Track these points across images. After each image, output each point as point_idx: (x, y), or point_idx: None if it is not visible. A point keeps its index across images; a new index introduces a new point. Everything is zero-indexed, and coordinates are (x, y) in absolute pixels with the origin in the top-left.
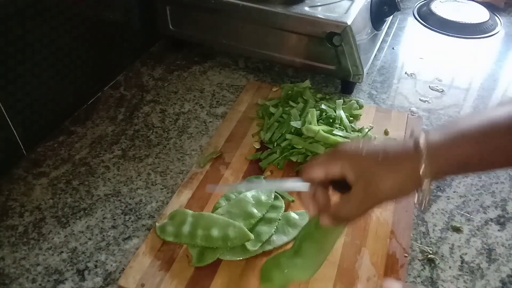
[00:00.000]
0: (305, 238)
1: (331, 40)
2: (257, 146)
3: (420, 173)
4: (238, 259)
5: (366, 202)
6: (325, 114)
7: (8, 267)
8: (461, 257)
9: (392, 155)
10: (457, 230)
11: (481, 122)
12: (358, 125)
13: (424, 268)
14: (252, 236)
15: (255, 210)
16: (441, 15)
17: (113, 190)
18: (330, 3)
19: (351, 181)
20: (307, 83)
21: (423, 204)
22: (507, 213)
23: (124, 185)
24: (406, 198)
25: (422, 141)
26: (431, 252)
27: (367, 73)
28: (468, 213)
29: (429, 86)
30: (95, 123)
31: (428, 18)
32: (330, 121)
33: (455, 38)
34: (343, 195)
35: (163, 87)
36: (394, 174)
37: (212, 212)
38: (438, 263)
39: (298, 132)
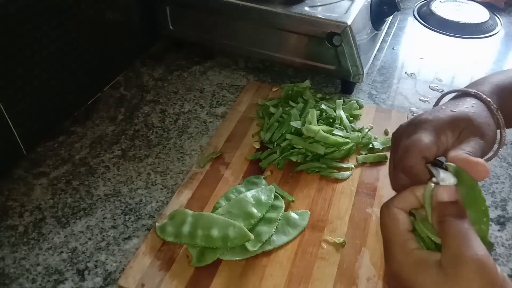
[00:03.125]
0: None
1: (331, 40)
2: (257, 146)
3: (499, 119)
4: (238, 259)
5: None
6: (325, 114)
7: (8, 267)
8: None
9: (476, 109)
10: None
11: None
12: (358, 125)
13: None
14: (252, 236)
15: (255, 210)
16: (441, 15)
17: (113, 190)
18: (330, 3)
19: (451, 143)
20: (307, 83)
21: (502, 144)
22: (507, 213)
23: (124, 185)
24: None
25: (483, 95)
26: None
27: (367, 73)
28: None
29: (429, 86)
30: (95, 123)
31: (428, 18)
32: (330, 121)
33: (455, 38)
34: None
35: (163, 87)
36: (488, 125)
37: (212, 212)
38: None
39: (298, 132)
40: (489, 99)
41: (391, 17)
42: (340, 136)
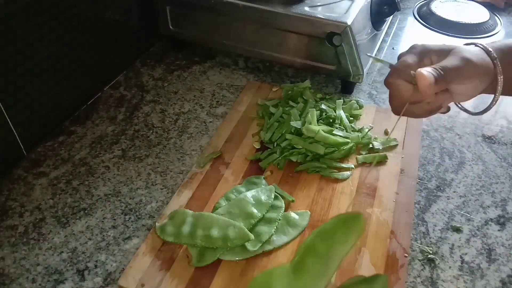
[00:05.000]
0: (308, 251)
1: (331, 40)
2: (257, 146)
3: (495, 60)
4: (238, 259)
5: (462, 61)
6: (325, 114)
7: (8, 267)
8: (461, 257)
9: (477, 57)
10: (457, 230)
11: None
12: (358, 125)
13: (424, 268)
14: (252, 236)
15: (255, 210)
16: (441, 15)
17: (113, 190)
18: (330, 3)
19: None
20: (307, 83)
21: (494, 102)
22: (507, 213)
23: (124, 185)
24: (480, 93)
25: (491, 49)
26: (431, 252)
27: (367, 73)
28: (468, 213)
29: None
30: (95, 123)
31: (428, 18)
32: (330, 121)
33: (455, 38)
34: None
35: (163, 87)
36: (478, 67)
37: (212, 212)
38: (438, 263)
39: (298, 132)
40: (490, 49)
41: (391, 17)
42: (340, 136)
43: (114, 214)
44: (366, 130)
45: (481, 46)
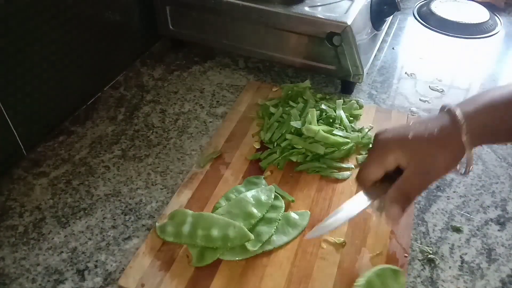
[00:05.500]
0: None
1: (331, 40)
2: (257, 146)
3: (464, 142)
4: (238, 259)
5: (424, 177)
6: (325, 114)
7: (8, 267)
8: (461, 257)
9: (436, 132)
10: (457, 230)
11: (507, 93)
12: (358, 125)
13: (424, 268)
14: (252, 236)
15: (255, 210)
16: (441, 15)
17: (113, 190)
18: (330, 3)
19: (404, 165)
20: (307, 83)
21: (468, 170)
22: (507, 213)
23: (124, 185)
24: (454, 170)
25: (458, 112)
26: (431, 252)
27: (367, 73)
28: (468, 213)
29: (429, 86)
30: (95, 123)
31: (428, 18)
32: (330, 121)
33: (455, 38)
34: (396, 181)
35: (163, 87)
36: (443, 149)
37: (212, 212)
38: (438, 263)
39: (298, 132)
40: (460, 120)
41: (391, 17)
42: (340, 136)
43: (114, 214)
44: (366, 130)
45: (453, 117)
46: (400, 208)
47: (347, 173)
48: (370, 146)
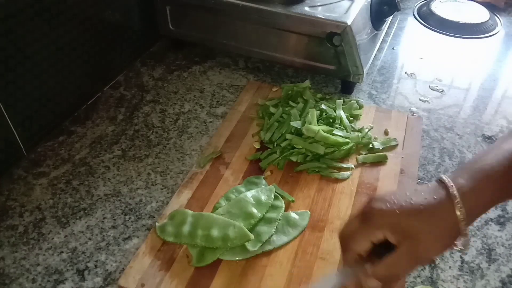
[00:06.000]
0: None
1: (331, 40)
2: (257, 146)
3: (459, 220)
4: (238, 259)
5: (415, 260)
6: (325, 114)
7: (8, 267)
8: (461, 257)
9: (427, 208)
10: None
11: (502, 160)
12: (358, 125)
13: (424, 268)
14: (252, 236)
15: (255, 210)
16: (441, 15)
17: (113, 190)
18: (330, 3)
19: (395, 242)
20: (307, 83)
21: (467, 246)
22: (507, 213)
23: (124, 185)
24: (450, 249)
25: (452, 189)
26: None
27: (367, 73)
28: None
29: (429, 86)
30: (95, 123)
31: (428, 18)
32: (330, 121)
33: (455, 38)
34: (389, 255)
35: (163, 87)
36: (435, 228)
37: (212, 212)
38: (438, 263)
39: (298, 132)
40: (455, 194)
41: (391, 17)
42: (340, 136)
43: (114, 214)
44: (366, 130)
45: (448, 190)
46: (382, 286)
47: (347, 173)
48: (360, 211)
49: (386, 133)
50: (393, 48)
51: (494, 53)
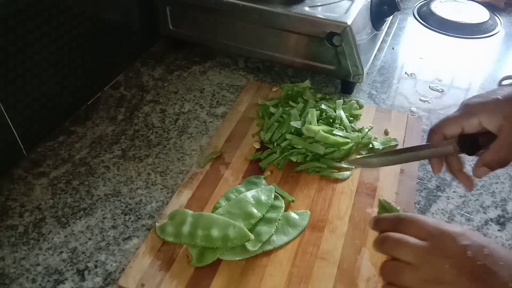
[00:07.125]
0: None
1: (331, 40)
2: (257, 146)
3: None
4: (238, 259)
5: None
6: (325, 114)
7: (8, 267)
8: None
9: None
10: None
11: None
12: (358, 125)
13: None
14: (252, 236)
15: (255, 210)
16: (441, 15)
17: (113, 190)
18: (330, 3)
19: (495, 130)
20: (307, 83)
21: None
22: (507, 213)
23: (124, 185)
24: None
25: None
26: None
27: (367, 73)
28: (468, 213)
29: (429, 86)
30: (95, 123)
31: (428, 18)
32: (330, 121)
33: (455, 38)
34: (492, 144)
35: (163, 87)
36: None
37: (212, 212)
38: None
39: (298, 132)
40: None
41: (391, 17)
42: (340, 136)
43: (114, 214)
44: (366, 130)
45: None
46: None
47: (347, 173)
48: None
49: (386, 133)
50: (393, 48)
51: (494, 53)
